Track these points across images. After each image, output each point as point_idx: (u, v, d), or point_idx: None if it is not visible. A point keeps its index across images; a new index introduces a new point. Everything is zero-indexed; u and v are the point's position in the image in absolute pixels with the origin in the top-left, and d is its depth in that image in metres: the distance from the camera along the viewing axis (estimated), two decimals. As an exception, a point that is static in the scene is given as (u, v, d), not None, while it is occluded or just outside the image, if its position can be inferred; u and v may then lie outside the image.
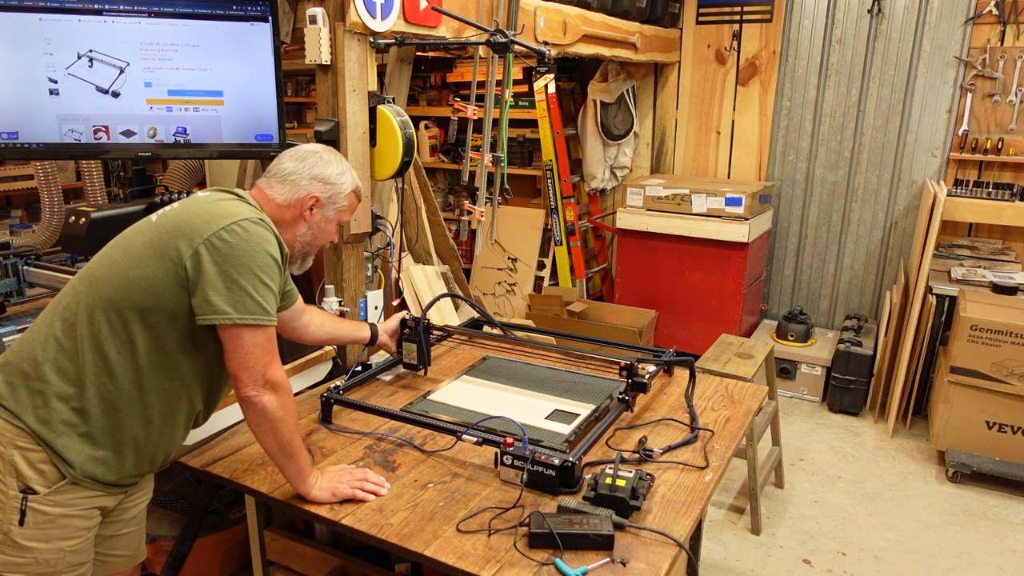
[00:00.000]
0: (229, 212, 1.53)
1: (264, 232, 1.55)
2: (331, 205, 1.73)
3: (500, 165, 3.07)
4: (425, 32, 2.57)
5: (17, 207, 4.50)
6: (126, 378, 1.52)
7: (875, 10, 4.25)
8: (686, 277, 4.47)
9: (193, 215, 1.54)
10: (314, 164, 1.70)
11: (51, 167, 2.77)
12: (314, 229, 1.73)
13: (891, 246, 4.55)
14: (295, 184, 1.68)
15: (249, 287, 1.50)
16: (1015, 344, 3.21)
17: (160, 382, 1.55)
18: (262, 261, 1.52)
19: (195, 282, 1.49)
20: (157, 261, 1.50)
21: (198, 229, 1.50)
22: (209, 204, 1.57)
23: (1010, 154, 4.04)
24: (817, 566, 2.82)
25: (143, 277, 1.50)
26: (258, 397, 1.53)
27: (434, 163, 5.66)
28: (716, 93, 4.81)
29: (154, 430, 1.58)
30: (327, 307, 2.51)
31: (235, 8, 2.18)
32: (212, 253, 1.48)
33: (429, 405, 2.11)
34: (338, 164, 1.74)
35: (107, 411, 1.52)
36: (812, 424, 4.03)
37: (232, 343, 1.51)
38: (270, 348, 1.54)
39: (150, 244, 1.53)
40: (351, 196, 1.77)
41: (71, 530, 1.52)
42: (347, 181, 1.74)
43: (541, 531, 1.48)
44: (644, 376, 2.02)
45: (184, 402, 1.61)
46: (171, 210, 1.60)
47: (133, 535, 1.76)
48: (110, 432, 1.53)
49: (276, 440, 1.58)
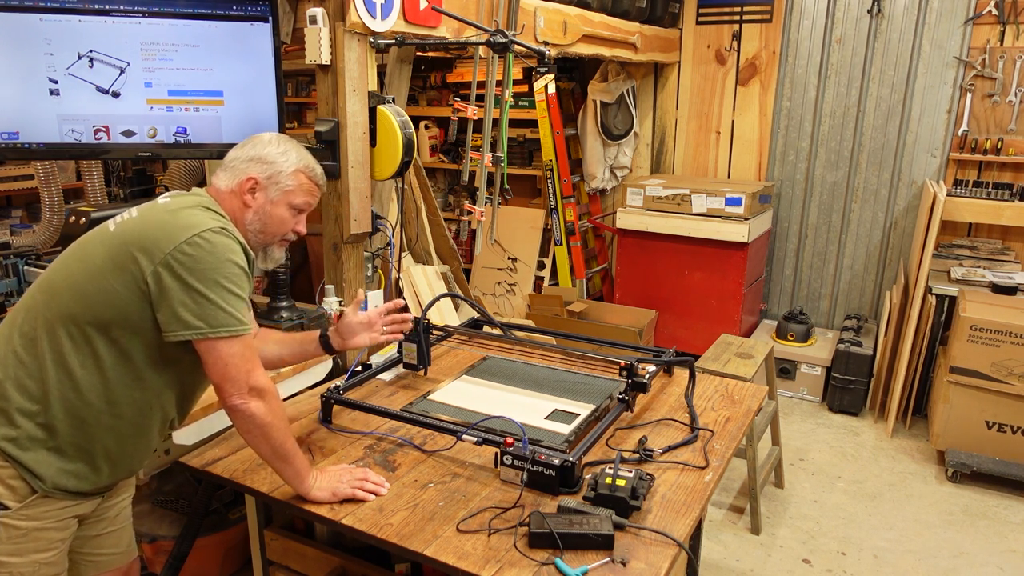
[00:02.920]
0: (190, 223, 1.48)
1: (227, 241, 1.50)
2: (273, 186, 1.64)
3: (500, 165, 3.07)
4: (425, 32, 2.57)
5: (17, 207, 4.49)
6: (93, 392, 1.48)
7: (875, 10, 4.25)
8: (686, 277, 4.48)
9: (153, 226, 1.49)
10: (253, 146, 1.65)
11: (51, 167, 2.77)
12: (260, 214, 1.64)
13: (891, 246, 4.55)
14: (235, 169, 1.64)
15: (218, 299, 1.46)
16: (1015, 344, 3.21)
17: (130, 394, 1.52)
18: (228, 271, 1.48)
19: (159, 298, 1.45)
20: (117, 276, 1.46)
21: (159, 243, 1.45)
22: (169, 214, 1.51)
23: (1010, 154, 4.04)
24: (817, 566, 2.82)
25: (103, 291, 1.46)
26: (244, 405, 1.51)
27: (434, 163, 5.66)
28: (716, 93, 4.81)
29: (127, 441, 1.55)
30: (327, 307, 2.51)
31: (235, 8, 2.18)
32: (175, 268, 1.44)
33: (429, 405, 2.11)
34: (280, 144, 1.66)
35: (75, 425, 1.48)
36: (812, 424, 4.03)
37: (209, 356, 1.48)
38: (250, 355, 1.51)
39: (109, 257, 1.47)
40: (297, 175, 1.66)
41: (45, 543, 1.49)
42: (290, 160, 1.65)
43: (541, 531, 1.48)
44: (644, 376, 2.02)
45: (156, 411, 1.59)
46: (130, 219, 1.54)
47: (121, 532, 1.75)
48: (80, 445, 1.50)
49: (268, 445, 1.56)
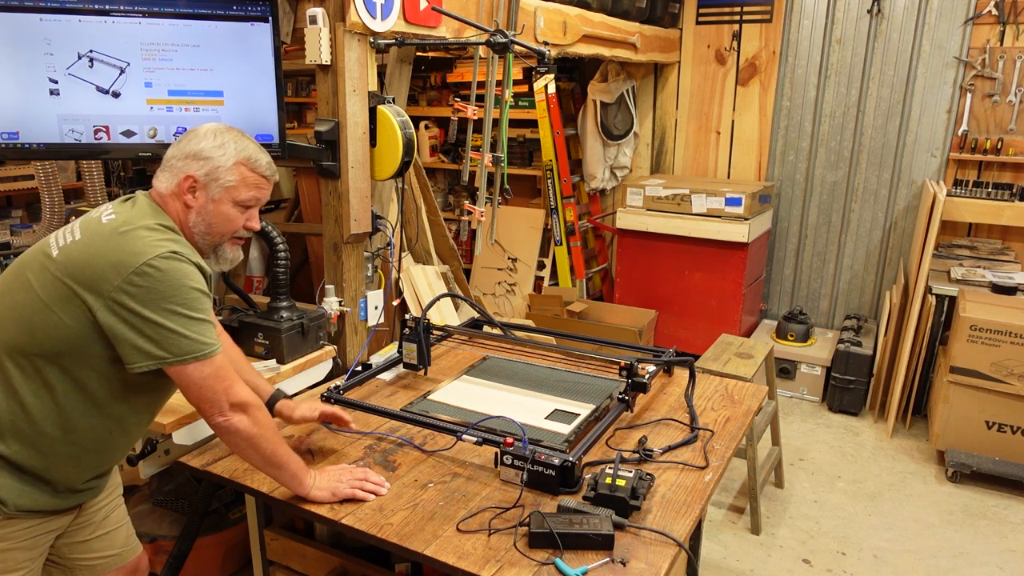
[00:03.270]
0: (136, 250, 1.39)
1: (178, 265, 1.41)
2: (213, 183, 1.51)
3: (500, 165, 3.07)
4: (425, 32, 2.57)
5: (17, 207, 4.49)
6: (47, 422, 1.43)
7: (875, 10, 4.25)
8: (686, 277, 4.48)
9: (97, 255, 1.39)
10: (188, 142, 1.52)
11: (51, 167, 2.77)
12: (204, 214, 1.53)
13: (891, 246, 4.55)
14: (172, 168, 1.52)
15: (178, 327, 1.39)
16: (1015, 344, 3.21)
17: (87, 420, 1.47)
18: (183, 297, 1.40)
19: (115, 334, 1.38)
20: (63, 309, 1.39)
21: (106, 276, 1.37)
22: (115, 239, 1.41)
23: (1010, 154, 4.04)
24: (817, 566, 2.82)
25: (51, 324, 1.39)
26: (227, 422, 1.49)
27: (434, 163, 5.66)
28: (716, 93, 4.81)
29: (87, 463, 1.53)
30: (327, 307, 2.51)
31: (235, 8, 2.18)
32: (126, 302, 1.37)
33: (429, 405, 2.11)
34: (216, 137, 1.52)
35: (32, 455, 1.45)
36: (812, 424, 4.03)
37: (181, 381, 1.45)
38: (224, 374, 1.47)
39: (55, 290, 1.40)
40: (238, 168, 1.53)
41: (12, 563, 1.47)
42: (228, 153, 1.51)
43: (541, 531, 1.48)
44: (644, 376, 2.02)
45: (120, 437, 1.56)
46: (73, 244, 1.43)
47: (114, 534, 1.72)
48: (39, 472, 1.47)
49: (259, 455, 1.56)
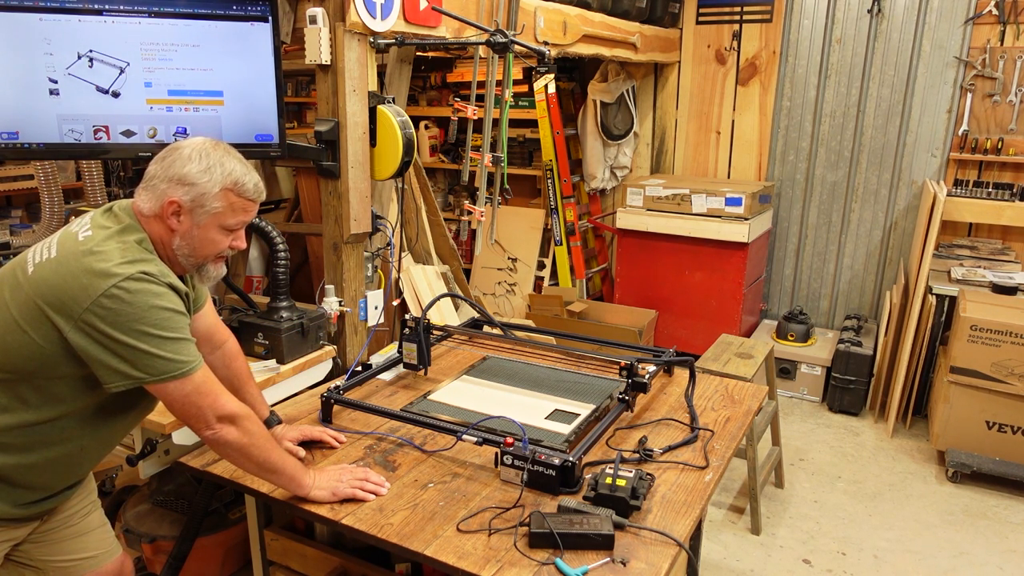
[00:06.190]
0: (106, 271, 1.35)
1: (147, 287, 1.37)
2: (199, 209, 1.46)
3: (500, 165, 3.07)
4: (425, 32, 2.57)
5: (17, 207, 4.49)
6: (19, 434, 1.43)
7: (875, 10, 4.25)
8: (686, 277, 4.47)
9: (68, 276, 1.36)
10: (172, 163, 1.45)
11: (51, 167, 2.77)
12: (188, 239, 1.49)
13: (891, 246, 4.55)
14: (155, 189, 1.46)
15: (152, 348, 1.37)
16: (1015, 344, 3.21)
17: (62, 434, 1.47)
18: (154, 318, 1.37)
19: (88, 355, 1.37)
20: (35, 330, 1.37)
21: (76, 298, 1.34)
22: (86, 260, 1.37)
23: (1010, 154, 4.04)
24: (817, 566, 2.82)
25: (23, 344, 1.38)
26: (215, 435, 1.49)
27: (434, 163, 5.66)
28: (716, 93, 4.81)
29: (60, 473, 1.53)
30: (327, 307, 2.51)
31: (235, 8, 2.18)
32: (97, 324, 1.34)
33: (429, 405, 2.11)
34: (202, 160, 1.46)
35: (2, 463, 1.44)
36: (812, 424, 4.03)
37: (163, 398, 1.44)
38: (207, 388, 1.45)
39: (27, 310, 1.38)
40: (226, 195, 1.47)
41: None
42: (214, 178, 1.45)
43: (541, 531, 1.48)
44: (644, 376, 2.02)
45: (94, 447, 1.56)
46: (47, 261, 1.41)
47: (89, 536, 1.71)
48: (8, 479, 1.45)
49: (253, 462, 1.56)
